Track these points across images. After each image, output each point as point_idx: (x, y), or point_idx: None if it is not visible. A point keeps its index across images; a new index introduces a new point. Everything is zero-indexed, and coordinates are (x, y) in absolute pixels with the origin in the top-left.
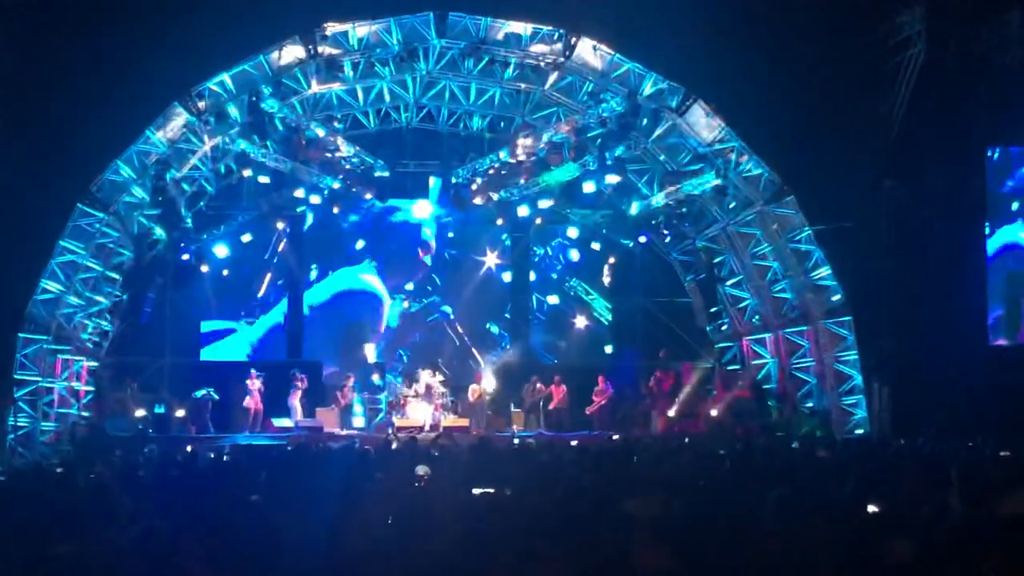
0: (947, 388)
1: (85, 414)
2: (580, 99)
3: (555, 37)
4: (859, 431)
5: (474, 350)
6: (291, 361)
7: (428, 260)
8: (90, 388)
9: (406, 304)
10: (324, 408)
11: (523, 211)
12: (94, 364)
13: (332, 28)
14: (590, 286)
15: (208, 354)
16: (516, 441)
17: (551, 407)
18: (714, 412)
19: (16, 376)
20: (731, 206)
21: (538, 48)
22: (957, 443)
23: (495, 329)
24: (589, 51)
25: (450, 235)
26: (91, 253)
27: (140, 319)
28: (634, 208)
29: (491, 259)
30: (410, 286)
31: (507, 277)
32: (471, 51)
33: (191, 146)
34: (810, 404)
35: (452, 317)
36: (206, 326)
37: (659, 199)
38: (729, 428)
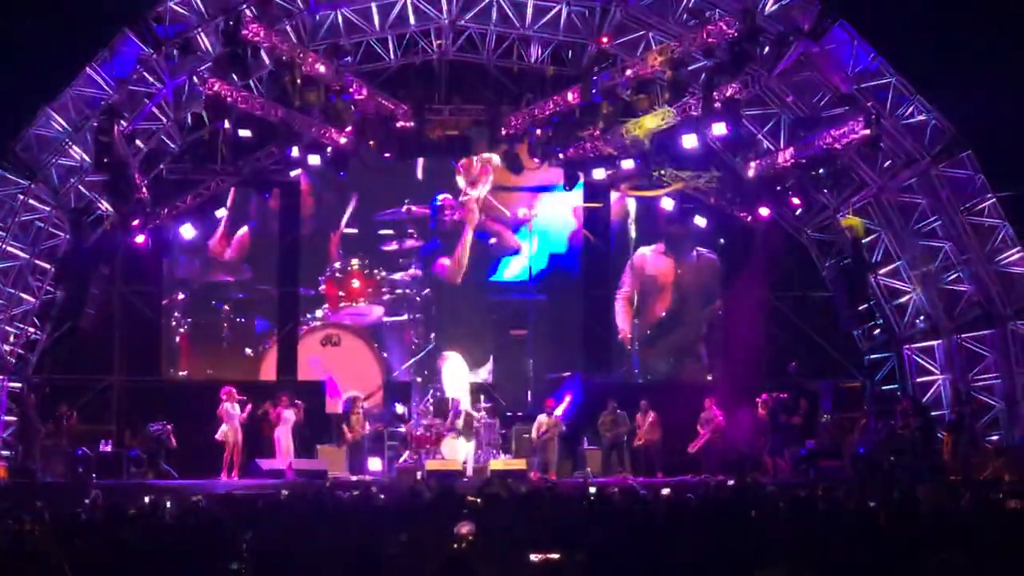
0: None
1: (5, 453)
2: (678, 19)
3: None
4: None
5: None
6: (282, 381)
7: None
8: (12, 418)
9: None
10: (328, 445)
11: (599, 174)
12: (17, 385)
13: None
14: None
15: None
16: (592, 490)
17: (637, 443)
18: (862, 448)
19: None
20: (886, 165)
21: None
22: None
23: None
24: None
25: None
26: (12, 234)
27: (80, 324)
28: (752, 168)
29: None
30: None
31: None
32: None
33: (147, 88)
34: (995, 437)
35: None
36: None
37: (787, 156)
38: (883, 470)
